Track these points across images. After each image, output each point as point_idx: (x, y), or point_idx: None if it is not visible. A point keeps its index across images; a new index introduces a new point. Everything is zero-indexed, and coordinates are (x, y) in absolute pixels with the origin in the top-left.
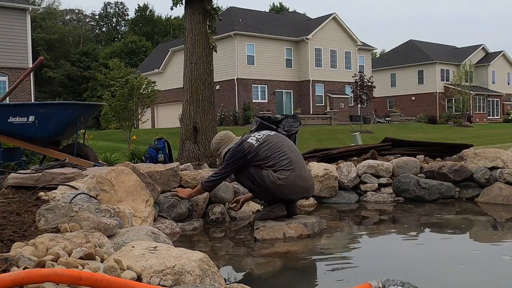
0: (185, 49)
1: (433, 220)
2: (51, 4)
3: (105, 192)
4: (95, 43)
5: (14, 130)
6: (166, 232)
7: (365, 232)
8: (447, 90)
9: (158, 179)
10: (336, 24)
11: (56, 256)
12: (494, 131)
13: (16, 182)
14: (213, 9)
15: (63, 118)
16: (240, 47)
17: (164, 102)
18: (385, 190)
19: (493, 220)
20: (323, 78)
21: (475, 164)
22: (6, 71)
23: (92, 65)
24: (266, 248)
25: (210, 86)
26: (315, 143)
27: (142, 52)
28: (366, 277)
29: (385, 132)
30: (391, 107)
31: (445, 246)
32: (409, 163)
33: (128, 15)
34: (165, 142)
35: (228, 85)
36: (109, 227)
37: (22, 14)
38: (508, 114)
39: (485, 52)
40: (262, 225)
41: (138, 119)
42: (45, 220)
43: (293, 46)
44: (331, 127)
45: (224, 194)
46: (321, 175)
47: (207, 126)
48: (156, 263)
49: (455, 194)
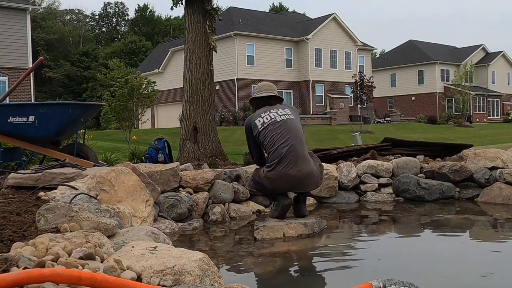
0: (185, 49)
1: (433, 219)
2: (51, 4)
3: (105, 192)
4: (95, 43)
5: (14, 130)
6: (166, 232)
7: (365, 232)
8: (447, 90)
9: (158, 179)
10: (336, 24)
11: (56, 256)
12: (494, 131)
13: (16, 182)
14: (213, 9)
15: (63, 118)
16: (240, 47)
17: (164, 102)
18: (385, 190)
19: (493, 220)
20: (323, 78)
21: (475, 164)
22: (6, 71)
23: (92, 65)
24: (266, 248)
25: (210, 86)
26: (315, 143)
27: (142, 52)
28: (367, 277)
29: (385, 132)
30: (391, 107)
31: (446, 245)
32: (409, 163)
33: (128, 15)
34: (165, 142)
35: (228, 85)
36: (109, 227)
37: (22, 14)
38: (508, 114)
39: (485, 52)
40: (262, 225)
41: (138, 119)
42: (45, 220)
43: (293, 46)
44: (331, 127)
45: (224, 194)
46: None
47: (207, 126)
48: (156, 263)
49: (455, 194)
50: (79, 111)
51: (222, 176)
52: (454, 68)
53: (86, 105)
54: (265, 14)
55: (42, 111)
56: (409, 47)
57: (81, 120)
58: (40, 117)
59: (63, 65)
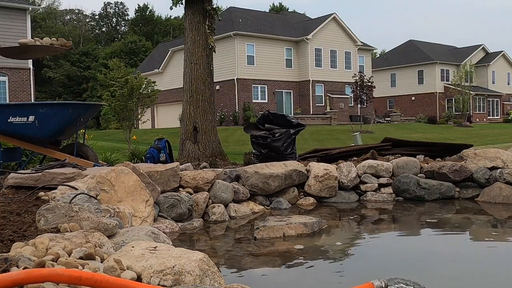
0: (185, 49)
1: (433, 219)
2: (51, 4)
3: (105, 192)
4: (95, 43)
5: (14, 130)
6: (166, 232)
7: (365, 231)
8: (447, 90)
9: (158, 179)
10: (336, 24)
11: (56, 256)
12: (494, 131)
13: (16, 182)
14: (213, 9)
15: (63, 118)
16: (240, 47)
17: (164, 102)
18: (385, 190)
19: (493, 219)
20: (323, 78)
21: (475, 164)
22: (6, 71)
23: (92, 65)
24: (266, 248)
25: (210, 86)
26: (315, 143)
27: (142, 52)
28: (368, 276)
29: (385, 132)
30: (391, 107)
31: (446, 244)
32: (409, 163)
33: (128, 15)
34: (166, 142)
35: (228, 85)
36: (109, 227)
37: (22, 14)
38: (508, 114)
39: (485, 52)
40: (262, 225)
41: (138, 119)
42: (45, 220)
43: (293, 46)
44: (331, 127)
45: (224, 194)
46: (321, 175)
47: (207, 126)
48: (156, 263)
49: (455, 194)
50: (79, 111)
51: (222, 176)
52: (454, 68)
53: (86, 105)
54: (265, 14)
55: (42, 111)
56: (409, 47)
57: (81, 120)
58: (40, 117)
59: (63, 65)
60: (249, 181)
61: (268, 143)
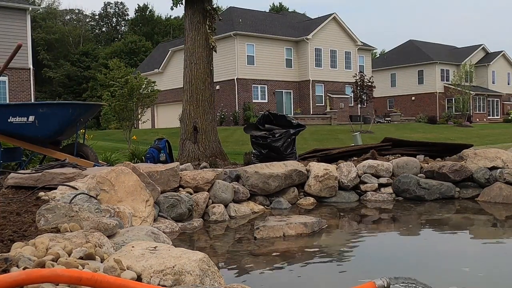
0: (185, 49)
1: (433, 218)
2: (51, 4)
3: (105, 192)
4: (95, 43)
5: (14, 130)
6: (166, 232)
7: (365, 231)
8: (447, 90)
9: (158, 179)
10: (336, 24)
11: (56, 256)
12: (494, 131)
13: (16, 182)
14: (213, 9)
15: (63, 118)
16: (240, 47)
17: (164, 102)
18: (385, 190)
19: (493, 219)
20: (323, 78)
21: (475, 164)
22: (6, 71)
23: (92, 65)
24: (266, 247)
25: (210, 86)
26: (315, 143)
27: (142, 52)
28: (368, 276)
29: (385, 132)
30: (391, 107)
31: (446, 243)
32: (409, 163)
33: (128, 15)
34: (166, 142)
35: (228, 85)
36: (109, 227)
37: (22, 14)
38: (508, 114)
39: (485, 52)
40: (262, 225)
41: (138, 119)
42: (45, 220)
43: (293, 46)
44: (331, 127)
45: (224, 194)
46: (321, 175)
47: (207, 126)
48: (156, 263)
49: (455, 194)
50: (79, 111)
51: (222, 176)
52: (454, 68)
53: (86, 105)
54: (265, 14)
55: (42, 111)
56: (409, 47)
57: (81, 120)
58: (40, 117)
59: (63, 65)
60: (249, 181)
61: (268, 143)
